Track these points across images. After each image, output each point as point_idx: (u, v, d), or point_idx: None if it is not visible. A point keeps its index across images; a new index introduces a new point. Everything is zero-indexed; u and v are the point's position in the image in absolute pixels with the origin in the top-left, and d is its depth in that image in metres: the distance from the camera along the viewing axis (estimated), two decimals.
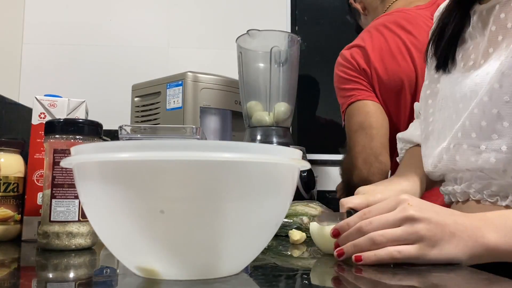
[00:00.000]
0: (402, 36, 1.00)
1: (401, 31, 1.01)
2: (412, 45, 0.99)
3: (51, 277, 0.49)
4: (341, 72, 1.03)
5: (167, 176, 0.39)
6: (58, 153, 0.63)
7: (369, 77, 1.00)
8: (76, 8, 1.61)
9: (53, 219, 0.62)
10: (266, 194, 0.42)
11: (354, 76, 1.01)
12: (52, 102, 0.76)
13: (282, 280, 0.45)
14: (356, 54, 1.01)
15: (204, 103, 1.18)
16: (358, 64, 1.01)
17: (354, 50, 1.03)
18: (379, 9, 1.17)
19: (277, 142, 1.15)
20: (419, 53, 0.97)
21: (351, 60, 1.01)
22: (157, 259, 0.41)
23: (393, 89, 0.99)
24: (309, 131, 1.61)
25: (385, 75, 0.99)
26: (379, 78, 0.99)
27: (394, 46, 1.00)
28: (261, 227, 0.44)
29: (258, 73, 1.20)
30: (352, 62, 1.01)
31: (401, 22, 1.02)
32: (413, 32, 1.00)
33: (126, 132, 0.66)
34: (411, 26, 1.01)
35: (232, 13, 1.66)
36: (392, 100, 1.00)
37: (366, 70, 1.00)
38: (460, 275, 0.48)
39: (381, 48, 1.00)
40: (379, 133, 0.97)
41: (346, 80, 1.02)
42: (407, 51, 0.99)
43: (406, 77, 0.98)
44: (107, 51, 1.60)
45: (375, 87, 1.00)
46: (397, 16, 1.04)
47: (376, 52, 1.00)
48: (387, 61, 0.99)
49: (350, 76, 1.01)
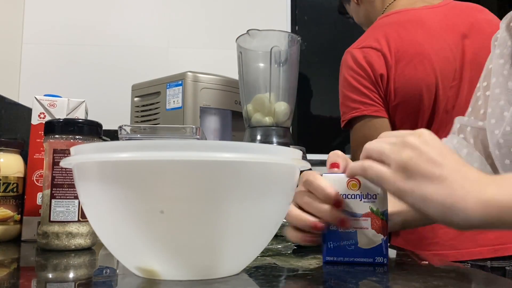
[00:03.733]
0: (419, 38, 0.92)
1: (419, 32, 0.92)
2: (430, 47, 0.91)
3: (51, 277, 0.49)
4: (350, 77, 0.94)
5: (167, 176, 0.39)
6: (58, 153, 0.63)
7: (384, 84, 0.91)
8: (76, 8, 1.61)
9: (52, 219, 0.62)
10: (266, 194, 0.42)
11: (365, 87, 0.92)
12: (51, 102, 0.76)
13: (282, 280, 0.45)
14: (371, 58, 0.92)
15: (204, 103, 1.17)
16: (373, 70, 0.92)
17: (368, 51, 0.93)
18: (377, 3, 1.09)
19: (277, 142, 1.15)
20: (437, 57, 0.90)
21: (364, 65, 0.92)
22: (157, 259, 0.41)
23: (410, 96, 0.91)
24: (309, 131, 1.61)
25: (402, 81, 0.90)
26: (396, 84, 0.91)
27: (411, 48, 0.91)
28: (261, 227, 0.44)
29: (258, 73, 1.20)
30: (366, 68, 0.92)
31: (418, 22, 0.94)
32: (430, 33, 0.92)
33: (126, 132, 0.66)
34: (427, 27, 0.93)
35: (232, 13, 1.66)
36: (408, 108, 0.92)
37: (383, 75, 0.91)
38: (460, 275, 0.48)
39: (398, 50, 0.91)
40: None
41: (354, 89, 0.94)
42: (426, 55, 0.90)
43: (424, 84, 0.90)
44: (107, 51, 1.60)
45: (390, 95, 0.91)
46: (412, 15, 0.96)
47: (393, 55, 0.91)
48: (404, 65, 0.91)
49: (360, 85, 0.93)
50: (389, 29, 0.95)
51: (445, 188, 0.44)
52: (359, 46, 0.96)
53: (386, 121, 0.93)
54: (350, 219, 0.52)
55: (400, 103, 0.91)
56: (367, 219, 0.51)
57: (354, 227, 0.52)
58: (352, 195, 0.52)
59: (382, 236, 0.51)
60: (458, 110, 0.91)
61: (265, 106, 1.15)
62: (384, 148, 0.47)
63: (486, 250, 0.85)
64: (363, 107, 0.93)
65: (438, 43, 0.92)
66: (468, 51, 0.92)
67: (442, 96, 0.90)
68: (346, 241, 0.52)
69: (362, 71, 0.93)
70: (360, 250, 0.51)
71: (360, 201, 0.52)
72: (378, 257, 0.51)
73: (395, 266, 0.49)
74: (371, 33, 0.98)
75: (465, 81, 0.92)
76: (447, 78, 0.91)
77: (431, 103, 0.90)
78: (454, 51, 0.92)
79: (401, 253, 0.69)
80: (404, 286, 0.43)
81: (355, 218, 0.52)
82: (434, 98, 0.90)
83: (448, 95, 0.91)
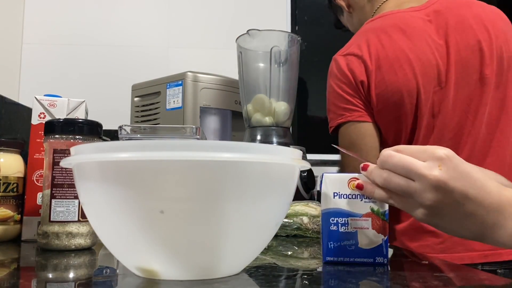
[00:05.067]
0: (400, 43, 0.91)
1: (401, 36, 0.92)
2: (411, 52, 0.90)
3: (51, 277, 0.49)
4: (335, 85, 0.95)
5: (167, 176, 0.39)
6: (58, 153, 0.63)
7: (365, 91, 0.92)
8: (76, 8, 1.61)
9: (52, 219, 0.62)
10: (266, 194, 0.42)
11: (348, 93, 0.93)
12: (52, 102, 0.76)
13: (282, 280, 0.45)
14: (353, 64, 0.93)
15: (204, 103, 1.18)
16: (354, 77, 0.92)
17: (350, 59, 0.94)
18: (367, 8, 1.08)
19: (277, 142, 1.15)
20: (419, 61, 0.89)
21: (346, 73, 0.93)
22: (157, 259, 0.41)
23: (391, 102, 0.90)
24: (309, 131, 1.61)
25: (382, 87, 0.90)
26: (376, 90, 0.91)
27: (392, 54, 0.91)
28: (261, 227, 0.44)
29: (258, 73, 1.20)
30: (347, 75, 0.93)
31: (400, 27, 0.93)
32: (412, 37, 0.92)
33: (126, 132, 0.66)
34: (410, 31, 0.92)
35: (232, 13, 1.66)
36: (391, 114, 0.92)
37: (364, 82, 0.92)
38: (460, 275, 0.48)
39: (378, 56, 0.91)
40: (369, 155, 0.91)
41: (338, 96, 0.94)
42: (406, 60, 0.90)
43: (405, 89, 0.89)
44: (107, 51, 1.60)
45: (372, 101, 0.92)
46: (395, 20, 0.96)
47: (373, 61, 0.91)
48: (384, 71, 0.90)
49: (343, 92, 0.94)
50: (371, 35, 0.95)
51: (470, 226, 0.48)
52: (343, 53, 0.97)
53: (371, 125, 0.94)
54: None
55: (382, 108, 0.92)
56: (368, 219, 0.51)
57: (354, 227, 0.52)
58: (353, 195, 0.52)
59: (383, 236, 0.51)
60: (445, 114, 0.90)
61: (265, 106, 1.15)
62: (402, 186, 0.48)
63: (476, 255, 0.84)
64: (347, 113, 0.94)
65: (420, 47, 0.91)
66: (452, 52, 0.90)
67: (425, 100, 0.89)
68: (347, 241, 0.52)
69: (344, 78, 0.94)
70: (361, 250, 0.51)
71: (361, 201, 0.52)
72: (379, 257, 0.51)
73: (395, 266, 0.49)
74: (355, 40, 0.98)
75: (450, 84, 0.90)
76: (429, 82, 0.90)
77: (413, 108, 0.90)
78: (438, 53, 0.90)
79: (401, 253, 0.69)
80: (404, 286, 0.43)
81: (355, 218, 0.52)
82: (415, 103, 0.90)
83: (434, 99, 0.89)
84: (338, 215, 0.52)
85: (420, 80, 0.89)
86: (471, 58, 0.90)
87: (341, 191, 0.52)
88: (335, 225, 0.52)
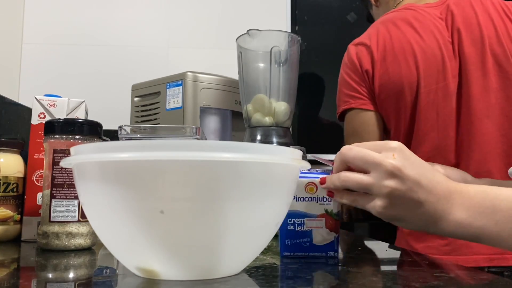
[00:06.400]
0: (408, 35, 0.94)
1: (409, 29, 0.95)
2: (417, 45, 0.93)
3: (51, 277, 0.49)
4: (344, 73, 1.00)
5: (167, 176, 0.39)
6: (58, 153, 0.63)
7: (370, 79, 0.96)
8: (76, 8, 1.61)
9: (52, 219, 0.62)
10: (266, 194, 0.42)
11: (355, 81, 0.97)
12: (51, 102, 0.76)
13: (282, 280, 0.45)
14: (361, 53, 0.97)
15: (204, 103, 1.17)
16: (361, 65, 0.97)
17: (359, 48, 0.98)
18: (390, 2, 1.13)
19: (277, 142, 1.15)
20: (423, 55, 0.91)
21: (354, 61, 0.98)
22: (157, 259, 0.41)
23: (392, 92, 0.94)
24: (309, 131, 1.61)
25: (385, 78, 0.94)
26: (380, 80, 0.94)
27: (398, 45, 0.94)
28: (261, 227, 0.44)
29: (258, 73, 1.20)
30: (355, 63, 0.97)
31: (410, 20, 0.96)
32: (420, 31, 0.94)
33: (126, 132, 0.66)
34: (419, 25, 0.95)
35: (232, 13, 1.66)
36: (391, 104, 0.95)
37: (369, 71, 0.95)
38: (460, 275, 0.48)
39: (385, 47, 0.95)
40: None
41: (346, 83, 0.99)
42: (411, 52, 0.93)
43: (406, 81, 0.92)
44: (107, 51, 1.60)
45: (375, 89, 0.95)
46: (407, 13, 0.99)
47: (380, 51, 0.95)
48: (389, 62, 0.94)
49: (351, 79, 0.98)
50: (382, 26, 0.99)
51: (422, 214, 0.50)
52: (355, 43, 1.01)
53: (374, 114, 0.97)
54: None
55: (384, 98, 0.95)
56: (322, 220, 0.56)
57: (309, 226, 0.56)
58: (309, 197, 0.57)
59: (335, 234, 0.56)
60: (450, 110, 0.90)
61: (265, 106, 1.15)
62: (363, 180, 0.50)
63: (481, 259, 0.84)
64: (352, 100, 0.98)
65: (427, 41, 0.93)
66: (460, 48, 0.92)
67: (425, 94, 0.90)
68: (302, 238, 0.56)
69: (352, 66, 0.98)
70: (314, 246, 0.56)
71: (316, 203, 0.56)
72: (330, 251, 0.56)
73: (396, 266, 0.49)
74: (369, 30, 1.02)
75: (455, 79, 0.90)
76: (431, 76, 0.91)
77: (412, 100, 0.92)
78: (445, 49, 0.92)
79: (401, 253, 0.69)
80: (404, 286, 0.43)
81: (311, 219, 0.56)
82: (415, 95, 0.92)
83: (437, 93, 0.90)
84: (295, 216, 0.56)
85: (422, 73, 0.91)
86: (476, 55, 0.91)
87: (298, 194, 0.56)
88: (292, 225, 0.56)
